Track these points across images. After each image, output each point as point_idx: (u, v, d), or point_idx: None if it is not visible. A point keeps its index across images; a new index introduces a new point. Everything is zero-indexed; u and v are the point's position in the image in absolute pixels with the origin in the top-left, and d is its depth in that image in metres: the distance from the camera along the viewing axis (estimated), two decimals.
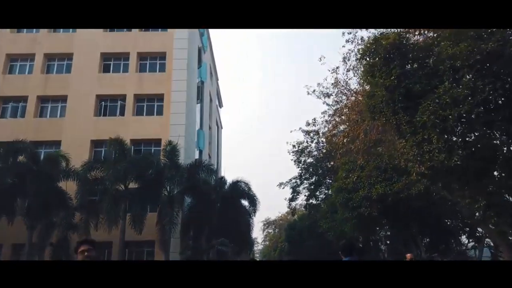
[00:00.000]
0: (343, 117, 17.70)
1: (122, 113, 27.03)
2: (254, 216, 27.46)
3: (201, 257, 19.69)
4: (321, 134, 28.62)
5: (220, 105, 53.82)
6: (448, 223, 15.67)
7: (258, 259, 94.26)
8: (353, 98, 15.38)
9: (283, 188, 32.01)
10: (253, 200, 27.88)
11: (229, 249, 19.35)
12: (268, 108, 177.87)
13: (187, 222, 24.33)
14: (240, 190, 27.69)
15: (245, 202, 28.82)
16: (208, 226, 24.18)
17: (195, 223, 24.75)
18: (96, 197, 20.91)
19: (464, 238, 15.27)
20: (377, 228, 15.62)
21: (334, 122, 19.20)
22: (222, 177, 26.73)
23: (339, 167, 26.43)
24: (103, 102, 27.55)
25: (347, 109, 15.32)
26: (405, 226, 14.66)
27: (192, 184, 21.75)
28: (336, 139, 16.00)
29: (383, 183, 13.61)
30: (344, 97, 17.07)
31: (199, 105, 34.27)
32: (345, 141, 14.42)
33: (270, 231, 70.52)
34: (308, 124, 28.31)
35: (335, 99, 23.01)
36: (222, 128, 56.78)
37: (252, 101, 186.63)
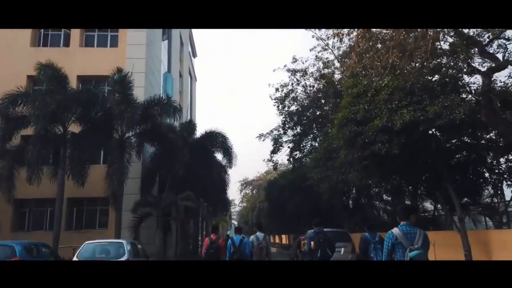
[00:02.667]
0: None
1: (66, 44, 21.86)
2: (230, 168, 23.46)
3: (160, 214, 15.59)
4: (309, 74, 24.39)
5: (194, 54, 48.55)
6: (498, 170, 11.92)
7: (235, 223, 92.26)
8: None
9: (263, 140, 28.00)
10: (229, 153, 24.04)
11: (196, 205, 15.35)
12: (248, 57, 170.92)
13: (148, 175, 20.20)
14: (214, 141, 23.57)
15: (219, 157, 25.00)
16: (175, 180, 20.12)
17: (158, 176, 20.71)
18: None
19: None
20: (394, 177, 11.72)
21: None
22: (191, 121, 22.28)
23: (329, 115, 22.80)
24: (42, 30, 22.16)
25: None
26: (435, 170, 10.86)
27: (152, 127, 17.33)
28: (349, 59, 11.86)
29: (411, 106, 9.57)
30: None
31: (166, 43, 29.29)
32: (356, 60, 10.20)
33: (247, 192, 67.35)
34: (294, 60, 23.93)
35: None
36: (196, 80, 51.91)
37: (231, 46, 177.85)
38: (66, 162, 15.65)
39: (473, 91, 10.89)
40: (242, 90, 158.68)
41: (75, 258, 9.26)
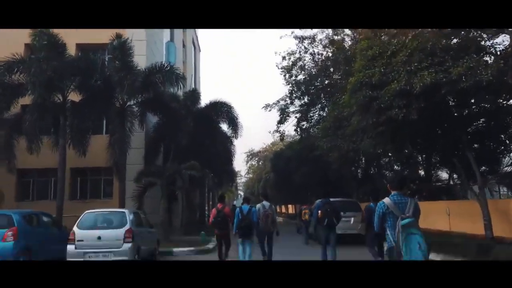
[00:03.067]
0: None
1: None
2: (236, 138, 22.91)
3: (164, 184, 15.20)
4: (317, 41, 23.34)
5: None
6: None
7: (241, 194, 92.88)
8: None
9: (270, 110, 27.39)
10: (234, 123, 23.42)
11: (201, 174, 14.92)
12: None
13: (152, 145, 19.74)
14: (219, 111, 22.91)
15: (224, 128, 24.41)
16: (179, 150, 19.65)
17: (162, 146, 20.25)
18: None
19: None
20: (409, 144, 11.07)
21: None
22: (195, 90, 21.56)
23: (338, 84, 21.93)
24: None
25: None
26: (453, 137, 10.20)
27: (154, 96, 16.68)
28: None
29: (432, 68, 8.80)
30: None
31: None
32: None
33: (253, 163, 67.18)
34: None
35: None
36: (200, 51, 50.61)
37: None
38: (66, 131, 15.14)
39: (498, 53, 10.06)
40: (247, 59, 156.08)
41: (75, 228, 8.89)
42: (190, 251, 12.28)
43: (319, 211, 8.62)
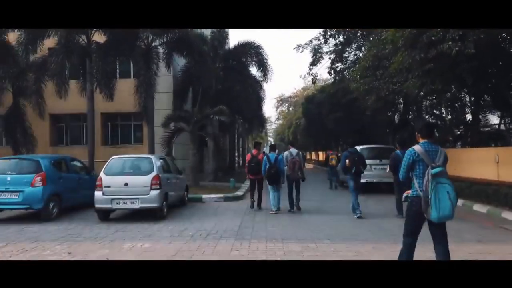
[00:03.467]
0: None
1: None
2: (266, 82, 21.95)
3: (193, 129, 14.79)
4: None
5: None
6: None
7: (271, 140, 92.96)
8: None
9: (302, 51, 25.79)
10: (264, 65, 22.33)
11: (230, 119, 14.35)
12: None
13: (180, 89, 19.22)
14: (248, 52, 21.77)
15: (254, 71, 23.38)
16: (208, 95, 19.06)
17: (191, 91, 19.69)
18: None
19: None
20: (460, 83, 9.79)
21: None
22: (222, 29, 20.36)
23: None
24: None
25: None
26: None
27: (180, 36, 15.76)
28: None
29: None
30: None
31: None
32: None
33: (283, 109, 66.08)
34: None
35: None
36: None
37: None
38: (93, 74, 14.75)
39: None
40: None
41: (102, 174, 8.67)
42: (219, 197, 12.05)
43: (347, 160, 9.13)
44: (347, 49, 23.33)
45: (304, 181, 10.05)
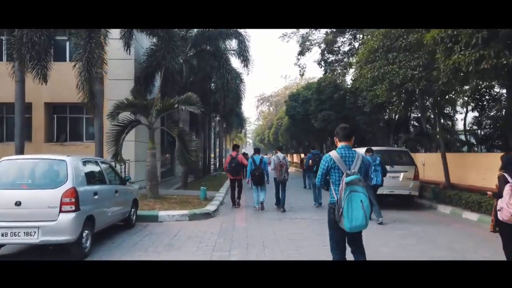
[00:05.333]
0: None
1: None
2: (246, 67, 19.00)
3: (152, 121, 11.44)
4: None
5: None
6: None
7: (250, 141, 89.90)
8: None
9: (288, 41, 23.34)
10: (245, 56, 19.39)
11: (200, 110, 11.03)
12: None
13: (144, 75, 15.85)
14: (227, 37, 18.68)
15: (234, 63, 20.36)
16: (178, 83, 15.81)
17: (156, 77, 16.33)
18: None
19: None
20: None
21: None
22: None
23: None
24: None
25: None
26: None
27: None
28: None
29: None
30: None
31: None
32: None
33: (263, 109, 63.02)
34: None
35: None
36: None
37: None
38: (21, 52, 11.18)
39: None
40: None
41: None
42: (182, 215, 8.80)
43: (310, 160, 11.77)
44: (341, 36, 20.50)
45: (287, 181, 10.58)
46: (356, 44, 19.63)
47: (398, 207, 10.82)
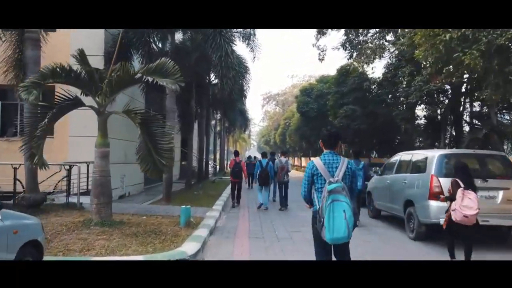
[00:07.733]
0: None
1: None
2: (253, 61, 15.93)
3: (104, 103, 7.38)
4: None
5: None
6: None
7: (254, 143, 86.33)
8: None
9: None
10: (250, 38, 16.36)
11: (176, 85, 6.92)
12: None
13: (119, 51, 11.93)
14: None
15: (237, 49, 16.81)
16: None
17: (135, 55, 12.46)
18: None
19: None
20: None
21: None
22: None
23: None
24: None
25: None
26: None
27: None
28: None
29: None
30: None
31: None
32: None
33: (269, 109, 59.00)
34: None
35: None
36: None
37: None
38: None
39: None
40: None
41: None
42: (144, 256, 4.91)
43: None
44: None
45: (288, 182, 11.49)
46: None
47: (481, 243, 6.78)
